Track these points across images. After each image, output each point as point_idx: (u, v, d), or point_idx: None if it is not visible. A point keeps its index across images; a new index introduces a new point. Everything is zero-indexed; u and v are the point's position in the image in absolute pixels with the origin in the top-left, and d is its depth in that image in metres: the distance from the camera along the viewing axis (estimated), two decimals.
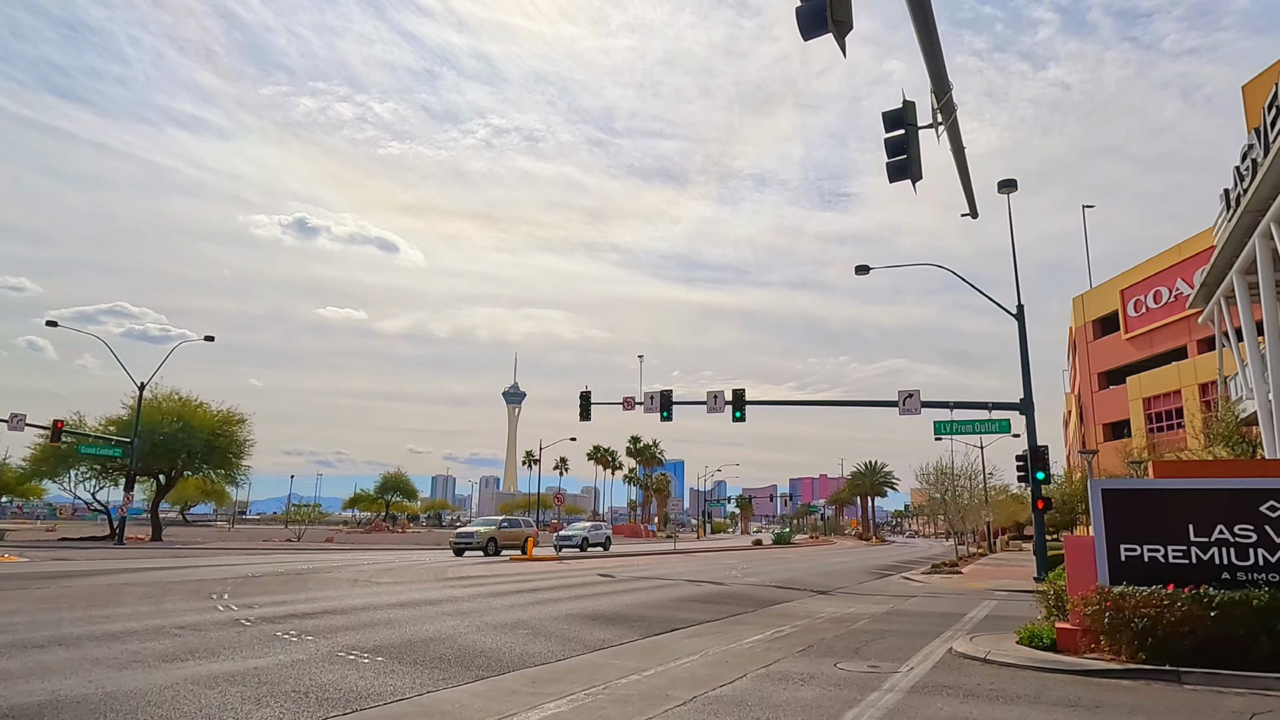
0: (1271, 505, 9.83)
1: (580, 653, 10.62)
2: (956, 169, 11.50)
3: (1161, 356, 43.41)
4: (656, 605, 16.86)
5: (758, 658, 10.50)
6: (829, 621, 14.94)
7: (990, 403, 26.51)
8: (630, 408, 32.52)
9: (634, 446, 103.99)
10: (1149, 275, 44.59)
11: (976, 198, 13.63)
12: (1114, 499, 10.71)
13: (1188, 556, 10.09)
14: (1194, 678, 8.68)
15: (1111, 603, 9.57)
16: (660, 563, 35.37)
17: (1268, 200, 19.63)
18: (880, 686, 8.62)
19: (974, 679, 9.08)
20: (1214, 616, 8.95)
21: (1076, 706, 7.68)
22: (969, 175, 11.84)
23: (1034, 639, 10.76)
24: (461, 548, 36.19)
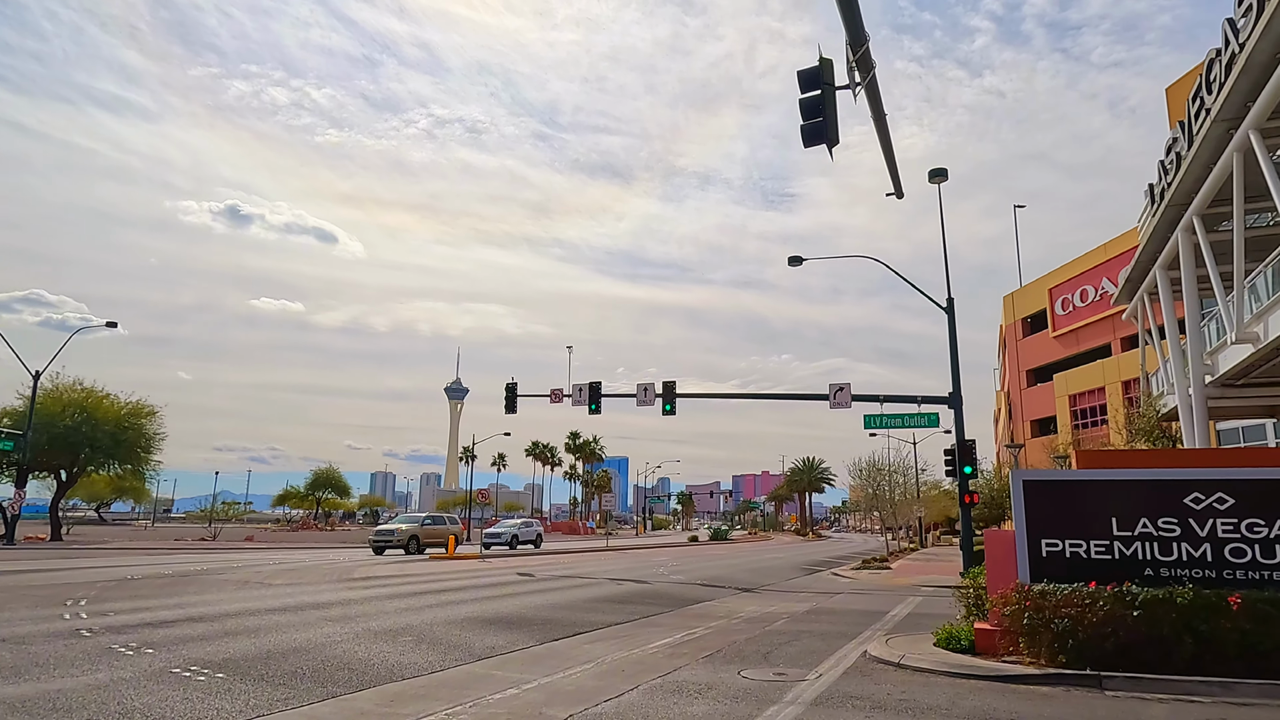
0: (1195, 497, 9.32)
1: (462, 663, 9.57)
2: (878, 138, 10.76)
3: (1087, 354, 44.23)
4: (567, 606, 15.86)
5: (658, 665, 9.60)
6: (746, 622, 14.16)
7: (920, 396, 26.21)
8: (558, 400, 31.37)
9: (573, 443, 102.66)
10: (1076, 275, 45.41)
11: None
12: (1036, 491, 10.10)
13: (1110, 552, 9.52)
14: (1116, 683, 8.07)
15: (1031, 602, 8.92)
16: (589, 560, 34.37)
17: (1190, 194, 19.59)
18: (782, 699, 7.78)
19: (885, 687, 8.31)
20: (1137, 616, 8.36)
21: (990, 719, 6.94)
22: (892, 146, 11.12)
23: (952, 640, 10.09)
24: (381, 545, 34.56)
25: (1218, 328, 20.66)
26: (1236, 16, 15.20)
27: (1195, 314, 21.47)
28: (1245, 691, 7.68)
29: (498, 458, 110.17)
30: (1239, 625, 8.04)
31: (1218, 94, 16.16)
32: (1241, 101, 15.68)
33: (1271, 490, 9.08)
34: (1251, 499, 9.09)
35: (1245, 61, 14.62)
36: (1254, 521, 9.04)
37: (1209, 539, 9.17)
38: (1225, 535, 9.12)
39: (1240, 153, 16.57)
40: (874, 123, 10.45)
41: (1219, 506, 9.21)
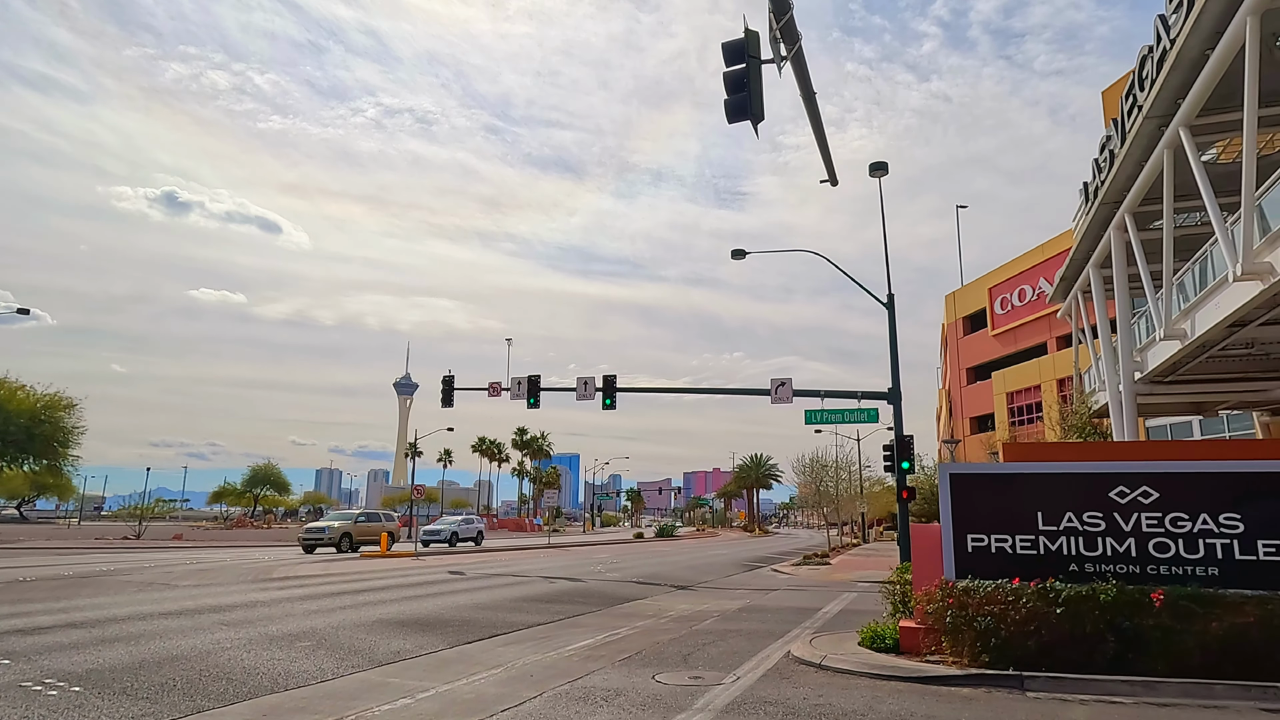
0: (1121, 491, 9.12)
1: (359, 670, 8.88)
2: (808, 117, 10.34)
3: (1024, 352, 45.03)
4: (491, 606, 15.19)
5: (570, 670, 9.04)
6: (675, 621, 13.70)
7: (860, 392, 26.10)
8: (496, 394, 30.54)
9: (520, 439, 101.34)
10: (1014, 275, 46.19)
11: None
12: (962, 485, 9.81)
13: (1036, 547, 9.27)
14: (1038, 683, 7.77)
15: (954, 599, 8.61)
16: (528, 558, 33.64)
17: (1123, 192, 19.74)
18: (691, 705, 7.29)
19: (803, 690, 7.89)
20: (1060, 614, 8.10)
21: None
22: (823, 128, 10.72)
23: (876, 639, 9.75)
24: (312, 544, 33.28)
25: (1147, 325, 20.91)
26: (1168, 13, 15.23)
27: (1126, 311, 21.72)
28: (1167, 691, 7.45)
29: (444, 454, 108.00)
30: (1162, 622, 7.83)
31: (1149, 90, 16.20)
32: (1172, 98, 15.73)
33: (1195, 483, 8.93)
34: (1176, 493, 8.92)
35: (1175, 58, 14.64)
36: (1178, 516, 8.87)
37: (1134, 533, 8.98)
38: (1150, 530, 8.93)
39: (1170, 150, 16.67)
40: (803, 102, 10.02)
41: (1144, 500, 9.03)
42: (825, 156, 11.99)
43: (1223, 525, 8.71)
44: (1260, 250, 13.50)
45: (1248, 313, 14.95)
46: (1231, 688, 7.37)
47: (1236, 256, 13.94)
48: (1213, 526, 8.74)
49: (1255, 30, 12.48)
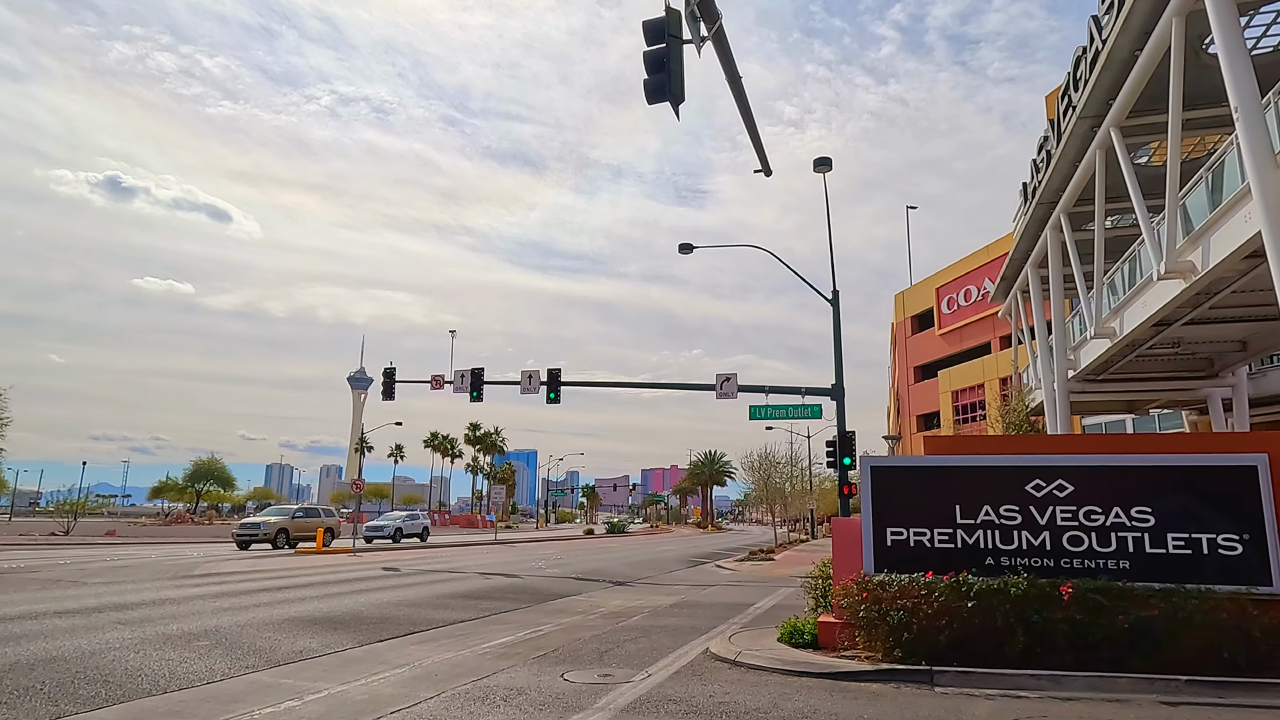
0: (1037, 484, 9.09)
1: (253, 670, 8.43)
2: (735, 102, 10.12)
3: (969, 351, 45.77)
4: (416, 603, 14.74)
5: (479, 668, 8.70)
6: (603, 617, 13.42)
7: (804, 388, 26.11)
8: (439, 387, 29.96)
9: (473, 434, 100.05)
10: (961, 275, 46.90)
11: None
12: (882, 477, 9.71)
13: (953, 540, 9.20)
14: (947, 678, 7.67)
15: (868, 594, 8.47)
16: (472, 554, 33.09)
17: (1059, 192, 20.01)
18: (593, 704, 7.01)
19: (711, 688, 7.66)
20: (971, 607, 8.01)
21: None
22: (751, 114, 10.51)
23: (795, 635, 9.59)
24: (246, 540, 32.26)
25: (1080, 324, 21.27)
26: (1101, 13, 15.40)
27: (1060, 310, 22.06)
28: (1073, 685, 7.40)
29: (395, 449, 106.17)
30: (1070, 615, 7.78)
31: (1082, 91, 16.40)
32: (1103, 99, 15.94)
33: (1108, 477, 8.94)
34: (1090, 486, 8.92)
35: (1106, 58, 14.81)
36: (1091, 509, 8.87)
37: (1048, 527, 8.95)
38: (1064, 523, 8.92)
39: (1102, 150, 16.91)
40: (729, 86, 9.80)
41: (1059, 494, 9.01)
42: (756, 144, 11.79)
43: (1134, 519, 8.73)
44: (1183, 250, 13.72)
45: (1171, 311, 15.22)
46: (1136, 681, 7.34)
47: (1161, 256, 14.15)
48: (1125, 520, 8.75)
49: (1180, 32, 12.64)
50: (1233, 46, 10.70)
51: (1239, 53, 10.69)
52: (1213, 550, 8.45)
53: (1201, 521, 8.55)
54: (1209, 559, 8.44)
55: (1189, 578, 8.27)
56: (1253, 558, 8.33)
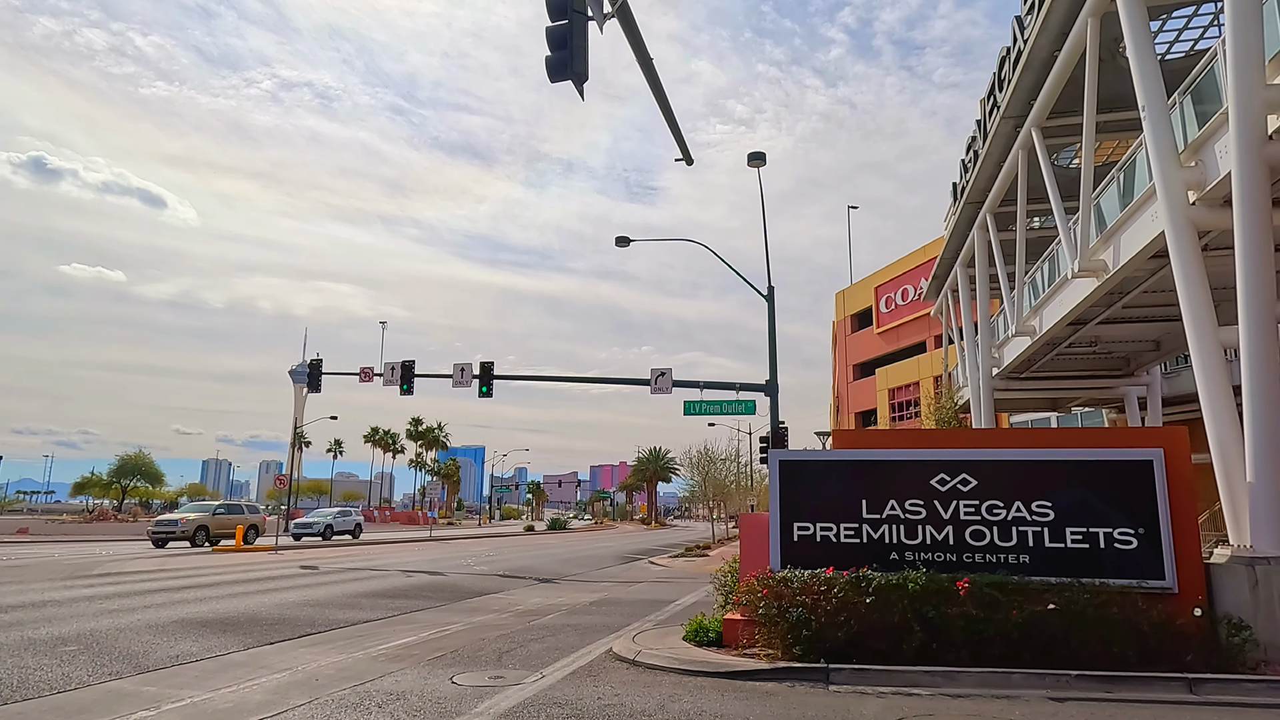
0: (942, 478, 9.04)
1: (116, 677, 7.85)
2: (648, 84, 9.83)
3: (906, 350, 46.51)
4: (323, 603, 14.14)
5: (367, 671, 8.26)
6: (517, 615, 13.04)
7: (738, 384, 26.05)
8: (368, 379, 29.10)
9: (415, 429, 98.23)
10: (899, 275, 47.63)
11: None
12: (791, 472, 9.55)
13: (859, 535, 9.10)
14: (843, 676, 7.51)
15: (769, 590, 8.29)
16: (402, 551, 32.29)
17: (985, 191, 20.26)
18: (471, 710, 6.65)
19: (603, 689, 7.37)
20: (870, 603, 7.88)
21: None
22: (666, 97, 10.23)
23: (700, 633, 9.37)
24: (163, 537, 30.88)
25: (1005, 323, 21.61)
26: (1023, 13, 15.56)
27: (986, 309, 22.40)
28: (966, 681, 7.31)
29: (334, 444, 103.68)
30: (966, 611, 7.71)
31: (1005, 90, 16.57)
32: (1025, 99, 16.11)
33: (1011, 471, 8.92)
34: (993, 480, 8.90)
35: (1027, 58, 14.96)
36: (994, 503, 8.84)
37: (952, 521, 8.90)
38: (967, 518, 8.88)
39: (1025, 150, 17.12)
40: (641, 68, 9.50)
41: (963, 488, 8.97)
42: (674, 131, 11.52)
43: (1035, 513, 8.73)
44: (1095, 249, 13.92)
45: (1085, 310, 15.48)
46: (1028, 676, 7.29)
47: (1075, 254, 14.35)
48: (1026, 514, 8.75)
49: (1095, 33, 12.77)
50: (1142, 47, 10.82)
51: (1147, 53, 10.81)
52: (1109, 544, 8.49)
53: (1099, 516, 8.59)
54: (1106, 553, 8.48)
55: (1086, 572, 8.30)
56: (1147, 552, 8.39)
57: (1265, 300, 8.43)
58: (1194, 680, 7.11)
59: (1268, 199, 8.45)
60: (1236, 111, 8.51)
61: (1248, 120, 8.44)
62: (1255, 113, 8.42)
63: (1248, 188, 8.45)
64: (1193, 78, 10.50)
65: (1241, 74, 8.44)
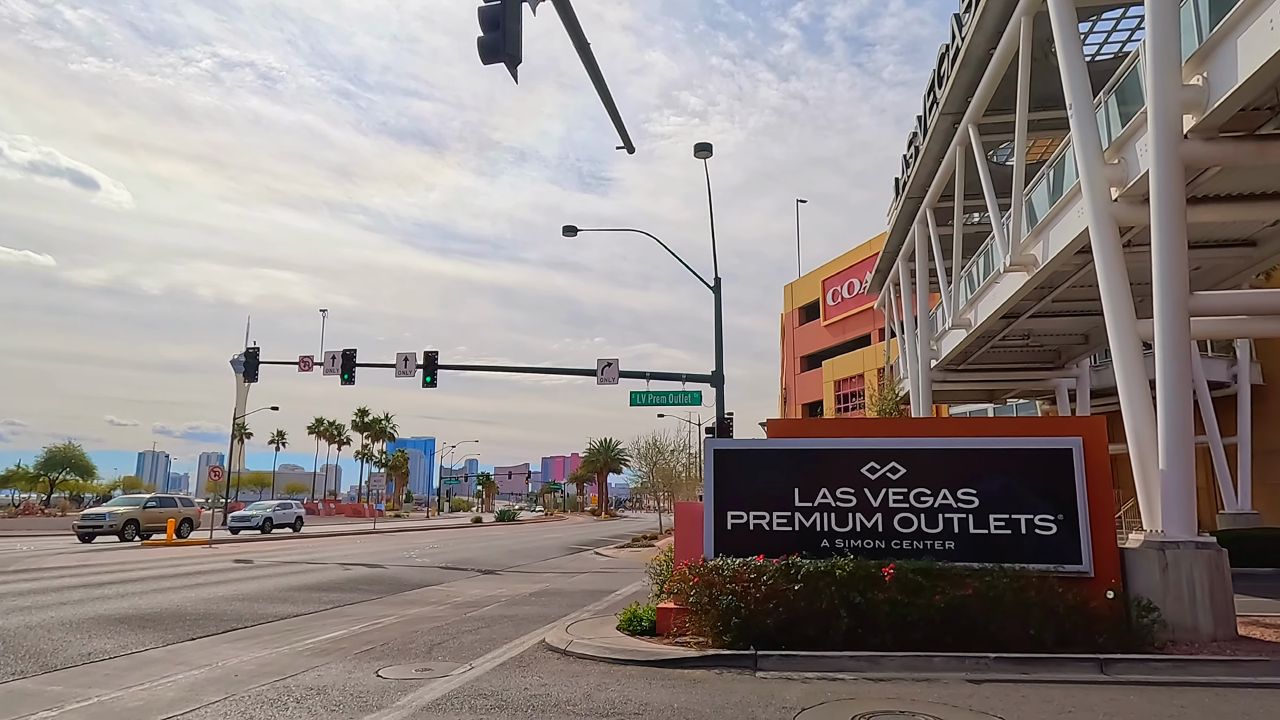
0: (872, 466, 9.17)
1: (19, 677, 7.55)
2: (586, 70, 9.71)
3: (852, 342, 47.27)
4: (253, 597, 13.76)
5: (290, 666, 8.04)
6: (454, 607, 12.88)
7: (684, 374, 26.14)
8: (307, 369, 28.45)
9: (361, 420, 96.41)
10: (845, 268, 48.35)
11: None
12: (725, 460, 9.60)
13: (792, 523, 9.19)
14: (771, 662, 7.58)
15: (700, 578, 8.31)
16: (343, 544, 31.68)
17: (924, 187, 20.63)
18: (392, 703, 6.52)
19: (530, 680, 7.30)
20: (799, 590, 7.96)
21: (613, 715, 6.08)
22: (603, 79, 10.12)
23: (634, 622, 9.36)
24: (90, 532, 29.74)
25: (943, 316, 22.07)
26: (961, 11, 15.84)
27: (925, 302, 22.85)
28: (890, 665, 7.44)
29: (276, 435, 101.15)
30: (891, 596, 7.84)
31: (944, 87, 16.87)
32: (963, 95, 16.43)
33: (939, 460, 9.10)
34: (921, 468, 9.06)
35: (964, 55, 15.24)
36: (922, 491, 9.01)
37: (881, 509, 9.05)
38: (896, 505, 9.03)
39: (962, 147, 17.46)
40: (578, 54, 9.38)
41: (892, 476, 9.12)
42: (614, 118, 11.43)
43: (960, 500, 8.92)
44: (1026, 244, 14.28)
45: (1017, 304, 15.88)
46: (949, 659, 7.45)
47: (1007, 249, 14.70)
48: (952, 501, 8.93)
49: (1028, 32, 13.06)
50: (1070, 46, 11.09)
51: (1075, 52, 11.08)
52: (1030, 530, 8.73)
53: (1021, 503, 8.81)
54: (1027, 539, 8.71)
55: (1009, 557, 8.50)
56: (1066, 537, 8.64)
57: (1178, 295, 8.74)
58: (1105, 660, 7.36)
59: (1182, 196, 8.75)
60: (1154, 110, 8.78)
61: (1164, 119, 8.71)
62: (1172, 112, 8.70)
63: (1164, 185, 8.73)
64: (1117, 78, 10.81)
65: (1159, 74, 8.71)
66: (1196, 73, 8.70)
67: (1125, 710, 6.07)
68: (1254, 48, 7.56)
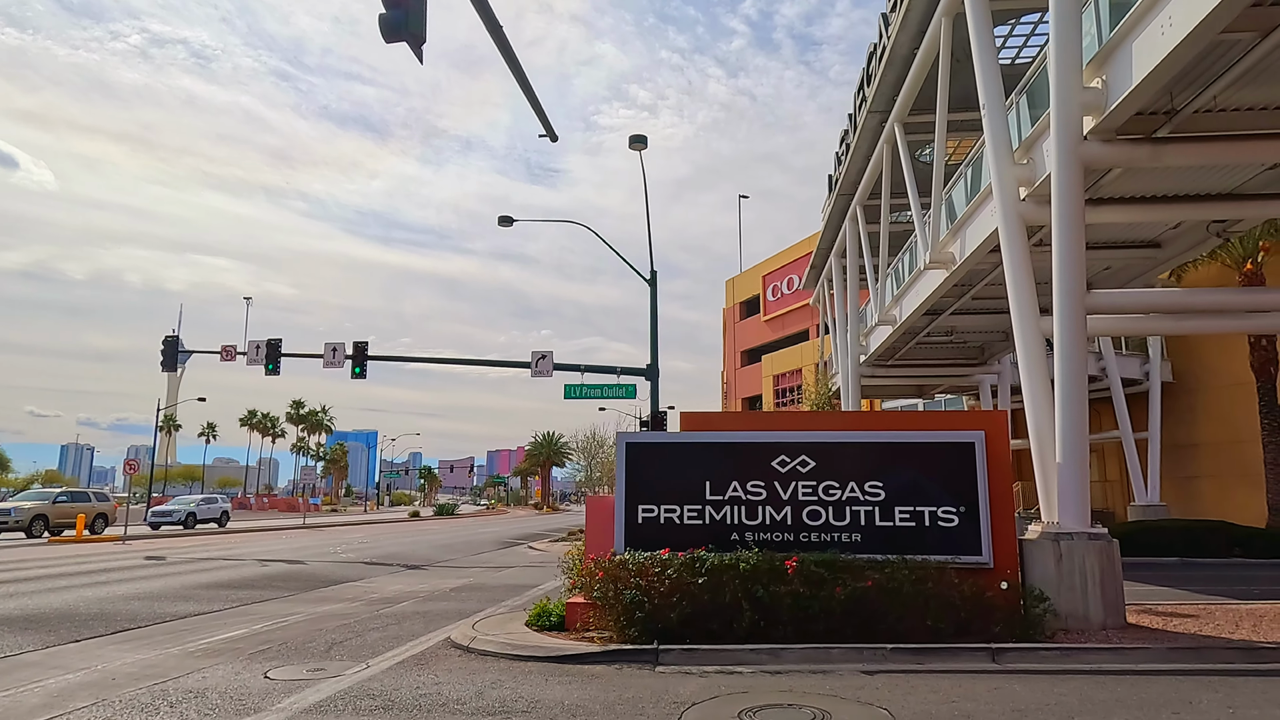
0: (782, 460, 9.18)
1: None
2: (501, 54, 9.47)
3: (791, 337, 47.85)
4: (154, 596, 13.19)
5: (176, 668, 7.69)
6: (368, 604, 12.54)
7: (619, 368, 26.07)
8: (230, 358, 27.49)
9: (296, 412, 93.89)
10: (785, 264, 48.87)
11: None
12: (637, 454, 9.50)
13: (702, 517, 9.15)
14: (672, 656, 7.52)
15: (605, 572, 8.21)
16: (269, 540, 30.77)
17: (855, 184, 20.90)
18: (273, 706, 6.27)
19: (425, 678, 7.11)
20: (702, 584, 7.92)
21: (501, 713, 5.94)
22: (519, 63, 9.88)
23: (543, 617, 9.22)
24: None
25: (871, 312, 22.43)
26: (888, 10, 16.02)
27: (856, 298, 23.18)
28: (790, 658, 7.46)
29: (207, 428, 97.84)
30: (794, 589, 7.86)
31: (872, 85, 17.06)
32: (889, 94, 16.64)
33: (847, 453, 9.15)
34: (830, 461, 9.10)
35: (889, 54, 15.42)
36: (830, 484, 9.06)
37: (790, 502, 9.07)
38: (805, 498, 9.06)
39: (889, 145, 17.70)
40: (488, 32, 9.13)
41: (802, 470, 9.14)
42: (533, 104, 11.21)
43: (868, 493, 8.99)
44: (945, 242, 14.55)
45: (938, 301, 16.19)
46: (847, 651, 7.50)
47: (927, 246, 14.95)
48: (859, 494, 9.00)
49: (949, 32, 13.26)
50: (984, 47, 11.28)
51: (989, 53, 11.28)
52: (934, 523, 8.85)
53: (926, 495, 8.93)
54: (930, 531, 8.83)
55: (913, 549, 8.61)
56: (968, 529, 8.79)
57: (1076, 292, 8.96)
58: (996, 650, 7.50)
59: (1081, 196, 8.97)
60: (1056, 111, 8.97)
61: (1066, 120, 8.91)
62: (1072, 113, 8.90)
63: (1064, 184, 8.94)
64: (1027, 79, 11.04)
65: (1061, 76, 8.90)
66: (1097, 75, 8.92)
67: (1007, 699, 6.18)
68: (1147, 51, 7.77)
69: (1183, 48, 7.25)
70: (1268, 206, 11.24)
